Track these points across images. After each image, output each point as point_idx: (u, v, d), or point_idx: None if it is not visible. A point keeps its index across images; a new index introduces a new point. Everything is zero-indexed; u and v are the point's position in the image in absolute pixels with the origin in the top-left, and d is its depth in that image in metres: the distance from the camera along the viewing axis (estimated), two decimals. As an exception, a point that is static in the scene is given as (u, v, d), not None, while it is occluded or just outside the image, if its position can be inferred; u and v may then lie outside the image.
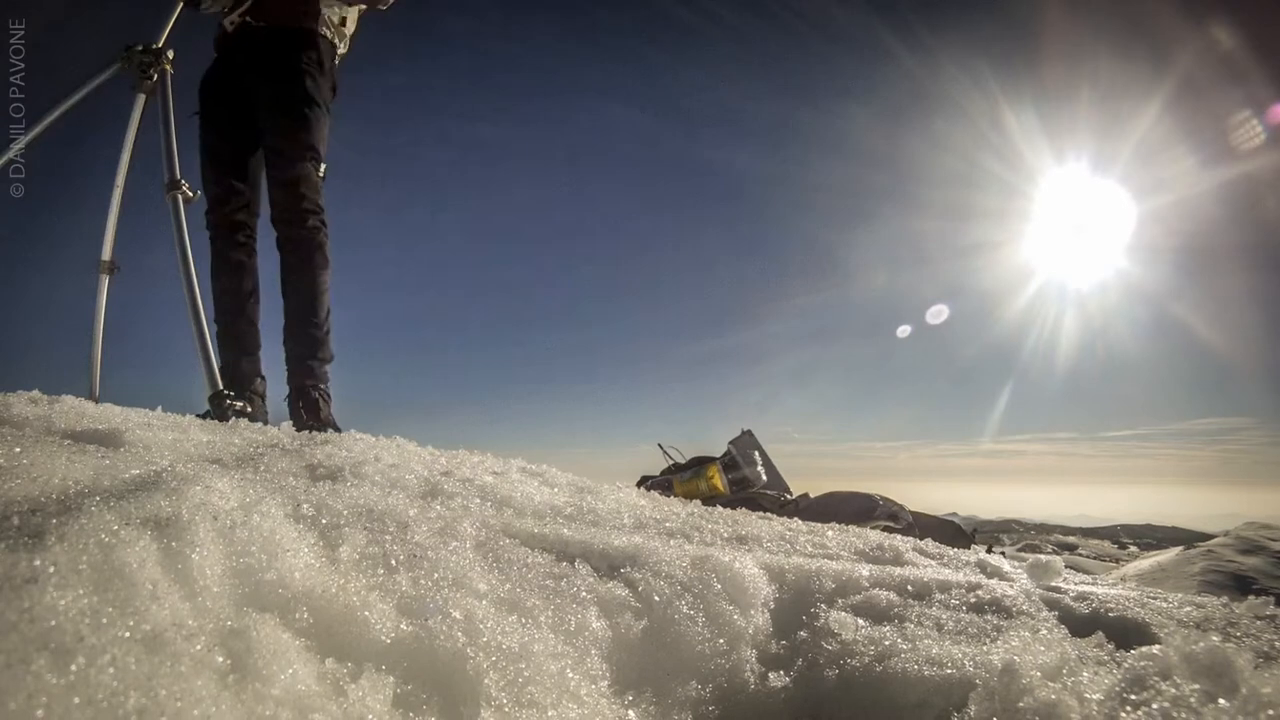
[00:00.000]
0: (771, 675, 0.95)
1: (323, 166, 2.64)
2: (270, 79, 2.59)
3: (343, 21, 2.78)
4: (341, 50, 2.80)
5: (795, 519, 1.81)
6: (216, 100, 2.68)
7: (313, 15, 2.65)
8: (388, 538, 0.92)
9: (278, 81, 2.59)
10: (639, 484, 3.23)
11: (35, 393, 1.57)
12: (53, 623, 0.49)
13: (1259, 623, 1.23)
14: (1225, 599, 1.43)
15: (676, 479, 2.98)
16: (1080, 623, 1.18)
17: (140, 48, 2.68)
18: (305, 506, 0.94)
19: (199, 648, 0.54)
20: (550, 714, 0.69)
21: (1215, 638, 1.03)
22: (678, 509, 1.65)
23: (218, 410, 2.36)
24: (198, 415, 2.06)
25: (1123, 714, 0.74)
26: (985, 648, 0.97)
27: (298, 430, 1.87)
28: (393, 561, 0.85)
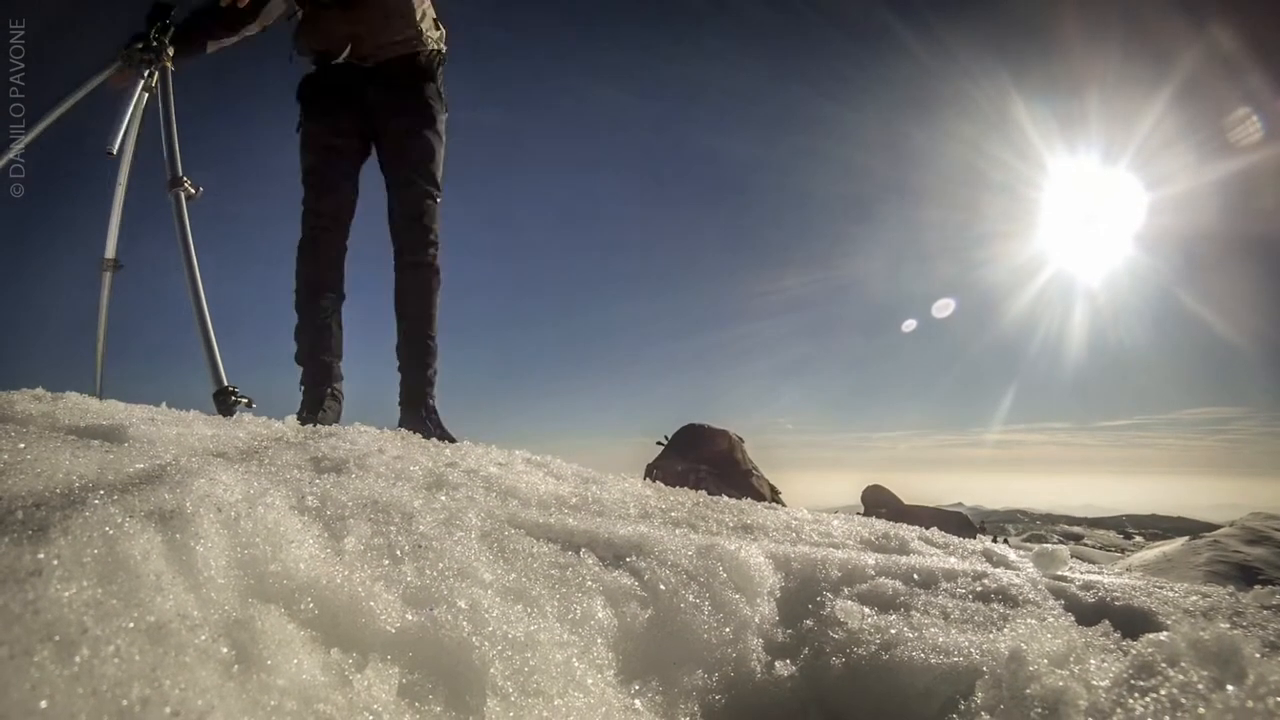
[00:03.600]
0: (778, 664, 0.95)
1: (439, 197, 2.68)
2: (399, 112, 2.62)
3: (437, 26, 2.75)
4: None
5: (801, 509, 1.81)
6: (335, 104, 2.66)
7: (420, 38, 2.64)
8: (392, 528, 0.92)
9: (408, 115, 2.62)
10: (645, 475, 3.24)
11: (39, 390, 1.58)
12: (57, 614, 0.48)
13: (1265, 612, 1.23)
14: (1231, 589, 1.43)
15: None
16: (1087, 611, 1.18)
17: (140, 45, 2.66)
18: (310, 498, 0.94)
19: (203, 638, 0.54)
20: (557, 703, 0.69)
21: (1223, 625, 1.03)
22: (683, 499, 1.65)
23: (223, 406, 2.37)
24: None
25: (1130, 700, 0.73)
26: (992, 636, 0.96)
27: (426, 439, 1.91)
28: (398, 552, 0.85)
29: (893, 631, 0.98)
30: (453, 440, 2.23)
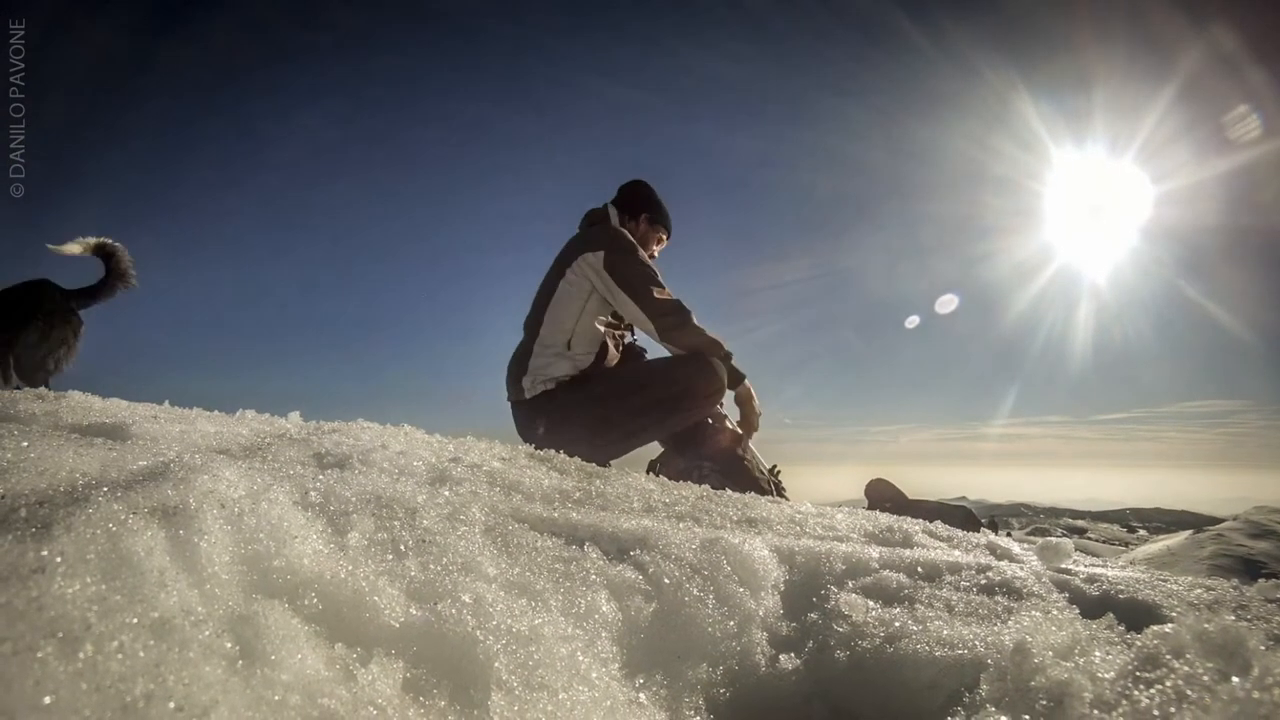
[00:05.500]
0: (782, 657, 0.95)
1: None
2: None
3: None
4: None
5: (805, 502, 1.81)
6: None
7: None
8: (396, 523, 0.92)
9: None
10: (648, 469, 3.24)
11: (41, 389, 1.58)
12: (61, 611, 0.48)
13: (1270, 605, 1.22)
14: (1235, 582, 1.42)
15: None
16: (1091, 604, 1.18)
17: None
18: (313, 494, 0.94)
19: (207, 634, 0.54)
20: (561, 697, 0.69)
21: (1228, 618, 1.02)
22: (686, 493, 1.65)
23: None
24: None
25: (1135, 692, 0.73)
26: (996, 628, 0.96)
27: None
28: (401, 547, 0.85)
29: (897, 624, 0.98)
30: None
